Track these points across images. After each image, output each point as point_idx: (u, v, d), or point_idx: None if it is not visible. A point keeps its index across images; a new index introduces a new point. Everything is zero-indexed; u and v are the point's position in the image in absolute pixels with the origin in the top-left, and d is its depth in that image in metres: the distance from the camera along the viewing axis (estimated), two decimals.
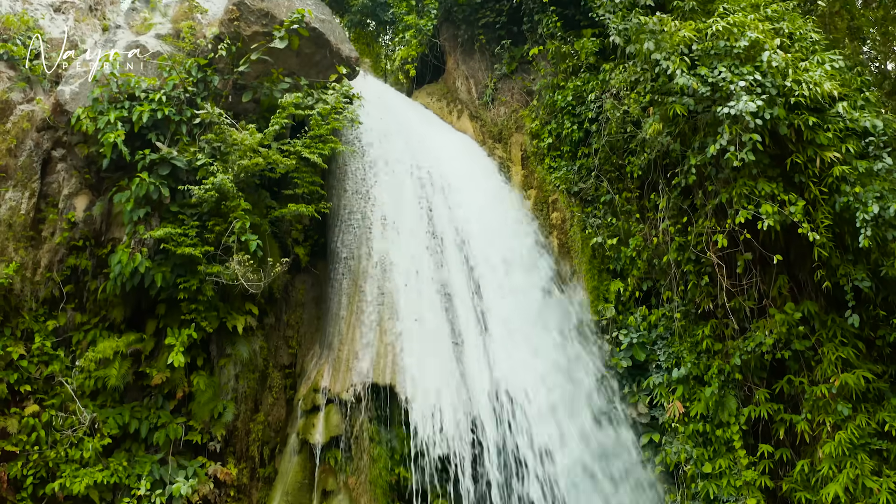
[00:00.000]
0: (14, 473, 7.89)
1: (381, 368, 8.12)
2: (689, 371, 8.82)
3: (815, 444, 8.61)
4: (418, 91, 11.76)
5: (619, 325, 9.19)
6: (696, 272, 8.94)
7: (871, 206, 7.89)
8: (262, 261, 8.07)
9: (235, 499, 8.61)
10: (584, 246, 9.48)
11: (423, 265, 8.80)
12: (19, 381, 8.13)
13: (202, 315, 8.29)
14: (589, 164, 9.65)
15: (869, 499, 8.11)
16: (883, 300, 8.62)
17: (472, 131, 10.57)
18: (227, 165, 8.14)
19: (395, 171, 9.34)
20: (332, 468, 8.00)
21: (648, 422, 9.01)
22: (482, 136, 10.46)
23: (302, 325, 9.13)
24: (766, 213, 7.76)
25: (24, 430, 8.00)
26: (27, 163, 8.74)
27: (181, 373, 8.51)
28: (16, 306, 8.43)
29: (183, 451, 8.53)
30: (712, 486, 8.58)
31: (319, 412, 8.12)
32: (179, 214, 8.32)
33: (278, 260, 9.16)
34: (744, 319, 8.84)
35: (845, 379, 8.29)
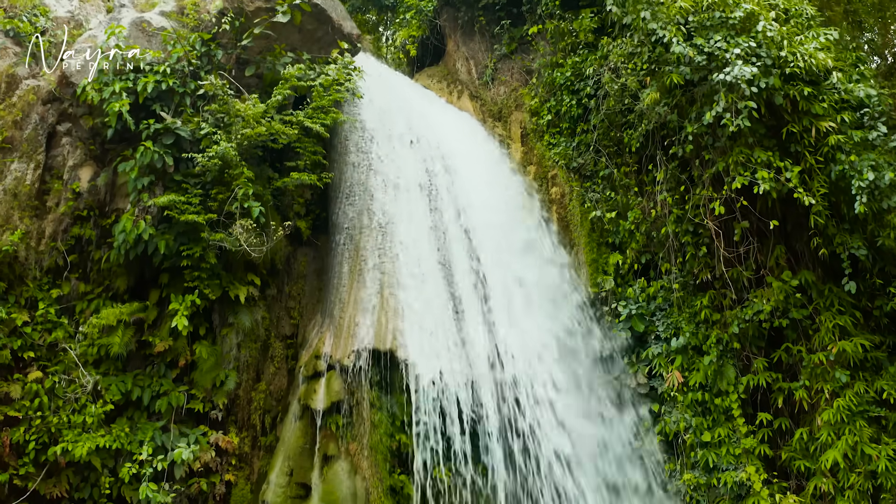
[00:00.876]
0: (16, 438, 7.93)
1: (382, 335, 8.19)
2: (687, 341, 8.89)
3: (813, 412, 8.66)
4: (419, 74, 11.91)
5: (618, 297, 9.27)
6: (693, 243, 9.03)
7: (866, 173, 8.00)
8: (264, 227, 8.16)
9: (237, 467, 8.65)
10: (582, 220, 9.57)
11: (424, 236, 8.90)
12: (23, 347, 8.20)
13: (205, 283, 8.37)
14: (587, 140, 9.77)
15: (868, 465, 8.16)
16: (880, 270, 8.70)
17: (472, 110, 10.71)
18: (231, 135, 8.25)
19: (396, 146, 9.45)
20: (334, 433, 8.05)
21: (647, 392, 9.07)
22: (482, 115, 10.59)
23: (304, 296, 9.21)
24: (762, 178, 7.86)
25: (28, 396, 8.06)
26: (32, 135, 8.85)
27: (184, 342, 8.58)
28: (20, 275, 8.51)
29: (185, 419, 8.58)
30: (711, 454, 8.63)
31: (321, 378, 8.19)
32: (183, 183, 8.42)
33: (281, 238, 9.29)
34: (742, 290, 8.92)
35: (843, 346, 8.36)
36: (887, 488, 8.16)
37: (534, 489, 7.74)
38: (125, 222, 8.19)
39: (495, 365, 8.28)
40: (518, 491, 8.02)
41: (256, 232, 7.94)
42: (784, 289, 8.52)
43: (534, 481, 7.84)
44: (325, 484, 7.82)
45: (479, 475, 8.11)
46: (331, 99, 8.71)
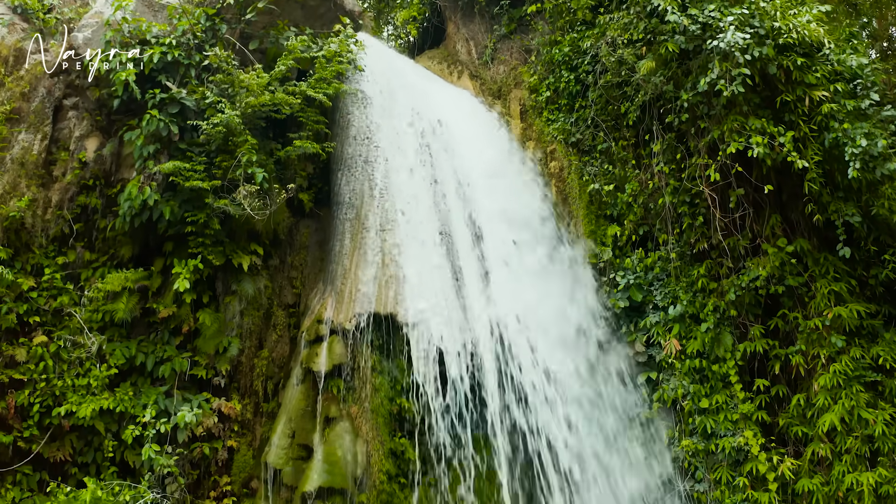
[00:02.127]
0: (21, 401, 8.02)
1: (383, 299, 8.30)
2: (685, 309, 8.99)
3: (810, 378, 8.75)
4: (419, 56, 12.09)
5: (616, 267, 9.38)
6: (690, 214, 9.16)
7: (858, 140, 8.14)
8: (267, 192, 8.29)
9: (239, 433, 8.72)
10: (581, 193, 9.71)
11: (424, 206, 9.02)
12: (28, 312, 8.30)
13: (209, 249, 8.49)
14: (585, 116, 9.93)
15: (865, 430, 8.24)
16: (875, 240, 8.82)
17: (472, 89, 10.88)
18: (235, 104, 8.40)
19: (397, 120, 9.61)
20: (335, 396, 8.14)
21: (646, 361, 9.15)
22: (482, 94, 10.77)
23: (306, 266, 9.32)
24: (756, 143, 7.99)
25: (33, 360, 8.15)
26: (39, 107, 9.01)
27: (187, 309, 8.68)
28: (26, 242, 8.63)
29: (188, 385, 8.67)
30: (709, 420, 8.70)
31: (323, 342, 8.28)
32: (187, 152, 8.56)
33: (284, 209, 9.44)
34: (738, 259, 9.04)
35: (838, 312, 8.46)
36: (884, 452, 8.23)
37: (532, 449, 7.82)
38: (131, 188, 8.32)
39: (495, 330, 8.38)
40: (518, 452, 8.10)
41: (260, 196, 8.06)
42: (780, 256, 8.63)
43: (532, 441, 7.92)
44: (327, 445, 7.90)
45: (480, 438, 8.19)
46: (333, 70, 8.88)
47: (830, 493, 8.29)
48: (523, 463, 8.16)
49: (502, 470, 7.80)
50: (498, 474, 7.95)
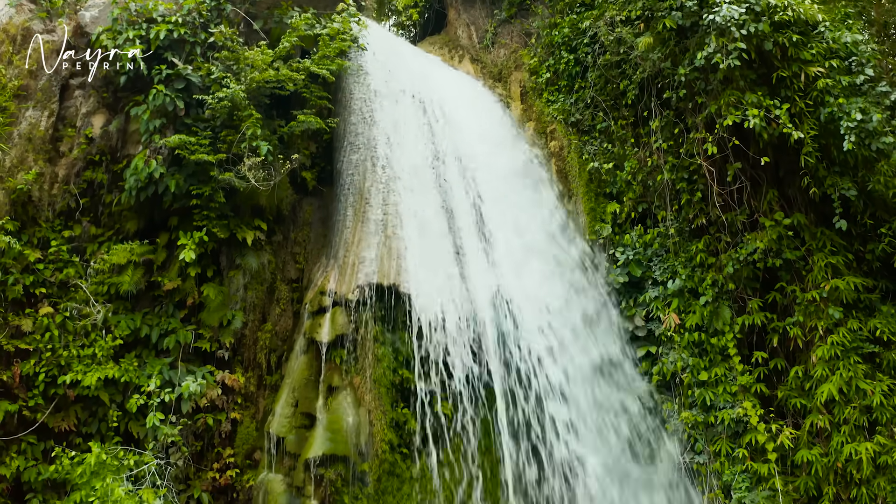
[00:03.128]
0: (27, 371, 8.10)
1: (386, 271, 8.39)
2: (683, 284, 9.09)
3: (808, 351, 8.83)
4: (420, 43, 12.26)
5: (616, 244, 9.49)
6: (689, 190, 9.28)
7: (854, 114, 8.28)
8: (271, 165, 8.41)
9: (243, 406, 8.80)
10: (580, 171, 9.83)
11: (427, 182, 9.15)
12: (34, 283, 8.40)
13: (213, 222, 8.60)
14: (585, 96, 10.07)
15: (863, 400, 8.31)
16: (871, 216, 8.93)
17: (473, 72, 11.03)
18: (240, 81, 8.54)
19: (399, 100, 9.74)
20: (338, 366, 8.21)
21: (645, 335, 9.24)
22: (483, 77, 10.92)
23: (309, 242, 9.42)
24: (752, 115, 8.12)
25: (39, 330, 8.24)
26: (46, 85, 9.15)
27: (192, 282, 8.77)
28: (33, 216, 8.74)
29: (192, 358, 8.74)
30: (709, 393, 8.77)
31: (326, 313, 8.37)
32: (193, 127, 8.69)
33: (287, 186, 9.56)
34: (736, 234, 9.15)
35: (835, 284, 8.56)
36: (882, 422, 8.31)
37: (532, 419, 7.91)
38: (137, 161, 8.45)
39: (496, 302, 8.47)
40: (517, 423, 8.18)
41: (264, 168, 8.18)
42: (777, 230, 8.74)
43: (531, 411, 8.00)
44: (330, 414, 7.97)
45: (481, 409, 8.26)
46: (336, 48, 9.03)
47: (829, 464, 8.36)
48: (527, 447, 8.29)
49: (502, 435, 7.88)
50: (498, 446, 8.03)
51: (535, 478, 7.81)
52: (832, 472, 8.41)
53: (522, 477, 7.80)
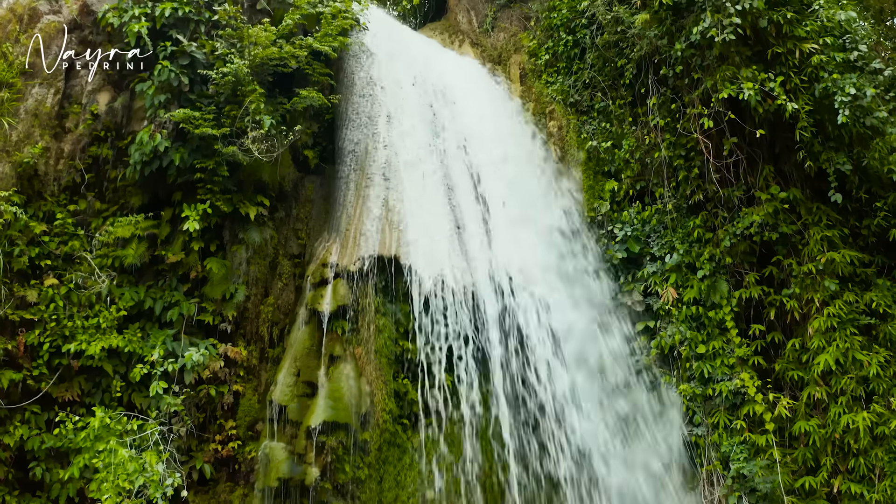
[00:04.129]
0: (31, 341, 8.18)
1: (387, 243, 8.50)
2: (681, 259, 9.18)
3: (804, 324, 8.92)
4: (421, 29, 12.42)
5: (614, 221, 9.60)
6: (686, 167, 9.40)
7: (848, 88, 8.42)
8: (274, 138, 8.53)
9: (245, 379, 8.87)
10: (579, 149, 9.97)
11: (427, 158, 9.27)
12: (40, 255, 8.49)
13: (217, 197, 8.71)
14: (583, 77, 10.22)
15: (859, 371, 8.39)
16: (867, 191, 9.06)
17: (473, 56, 11.18)
18: (244, 57, 8.68)
19: (399, 80, 9.88)
20: (339, 337, 8.30)
21: (643, 310, 9.33)
22: (483, 60, 11.07)
23: (311, 219, 9.53)
24: (747, 88, 8.25)
25: (43, 301, 8.32)
26: (52, 63, 9.28)
27: (195, 256, 8.87)
28: (39, 191, 8.85)
29: (195, 331, 8.82)
30: (706, 365, 8.85)
31: (327, 285, 8.47)
32: (197, 103, 8.81)
33: (289, 163, 9.69)
34: (733, 209, 9.26)
35: (831, 256, 8.66)
36: (879, 392, 8.39)
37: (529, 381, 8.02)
38: (142, 135, 8.57)
39: (494, 275, 8.58)
40: (516, 392, 8.26)
41: (267, 140, 8.30)
42: (773, 204, 8.85)
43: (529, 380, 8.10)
44: (332, 382, 8.05)
45: (481, 379, 8.35)
46: (338, 26, 9.19)
47: (827, 436, 8.43)
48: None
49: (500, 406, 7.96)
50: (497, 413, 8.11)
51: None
52: (830, 444, 8.48)
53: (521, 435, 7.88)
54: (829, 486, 8.40)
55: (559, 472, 7.87)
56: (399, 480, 8.22)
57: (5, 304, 8.16)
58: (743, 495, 8.53)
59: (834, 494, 8.39)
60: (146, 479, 7.15)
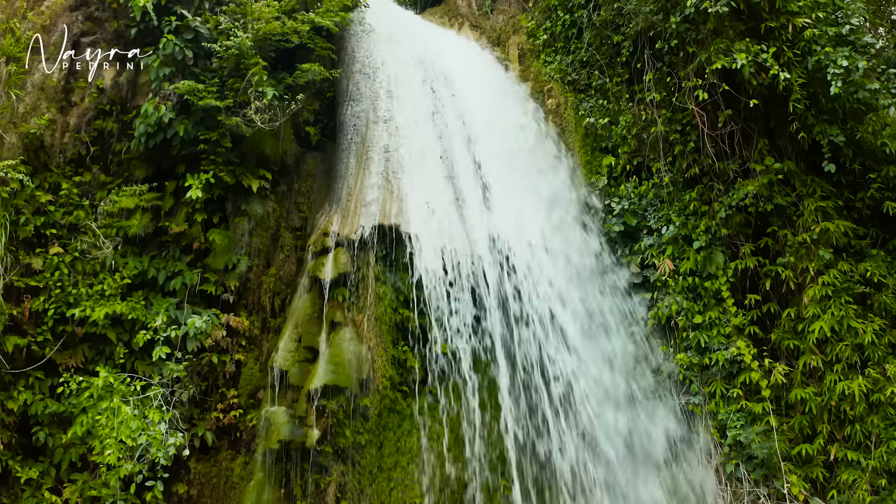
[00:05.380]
0: (36, 307, 8.29)
1: (387, 212, 8.63)
2: (677, 231, 9.30)
3: (800, 294, 9.01)
4: (421, 14, 12.62)
5: (611, 195, 9.73)
6: (682, 141, 9.55)
7: (840, 60, 8.57)
8: (276, 109, 8.68)
9: (247, 349, 8.96)
10: (577, 126, 10.12)
11: (427, 132, 9.42)
12: (45, 224, 8.62)
13: (220, 168, 8.84)
14: (581, 56, 10.40)
15: (854, 339, 8.48)
16: (861, 165, 9.19)
17: (472, 38, 11.37)
18: (247, 31, 8.85)
19: (400, 57, 10.06)
20: (340, 304, 8.41)
21: (640, 282, 9.43)
22: (482, 42, 11.27)
23: (312, 193, 9.66)
24: (740, 58, 8.41)
25: (48, 269, 8.44)
26: (59, 40, 9.45)
27: (198, 228, 9.00)
28: (45, 162, 8.99)
29: (198, 301, 8.92)
30: (703, 335, 8.94)
31: (329, 253, 8.58)
32: (201, 76, 8.97)
33: (291, 138, 9.84)
34: (728, 183, 9.40)
35: (826, 226, 8.77)
36: (874, 360, 8.47)
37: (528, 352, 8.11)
38: (147, 106, 8.72)
39: (492, 244, 8.70)
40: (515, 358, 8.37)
41: (269, 110, 8.45)
42: (768, 176, 8.98)
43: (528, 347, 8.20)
44: (332, 347, 8.14)
45: (480, 346, 8.45)
46: (339, 1, 9.38)
47: (823, 403, 8.50)
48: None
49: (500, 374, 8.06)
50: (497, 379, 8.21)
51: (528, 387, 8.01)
52: (826, 411, 8.55)
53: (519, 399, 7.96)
54: (825, 453, 8.47)
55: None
56: (399, 447, 8.29)
57: (11, 272, 8.27)
58: (740, 462, 8.60)
59: (831, 462, 8.46)
60: (149, 438, 7.24)
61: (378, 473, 8.20)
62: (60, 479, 8.15)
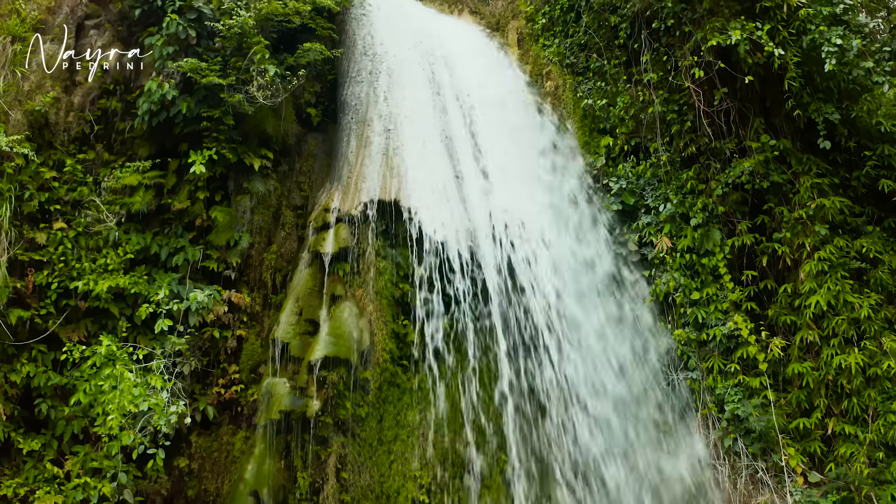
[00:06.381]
0: (40, 281, 8.37)
1: (388, 188, 8.72)
2: (675, 209, 9.39)
3: (796, 270, 9.09)
4: (421, 0, 12.78)
5: (609, 175, 9.83)
6: (679, 120, 9.65)
7: (834, 39, 8.69)
8: (278, 87, 8.80)
9: (248, 325, 9.03)
10: (575, 108, 10.23)
11: (427, 112, 9.51)
12: (49, 200, 8.72)
13: (222, 145, 8.95)
14: (579, 40, 10.53)
15: (851, 313, 8.54)
16: (856, 143, 9.28)
17: (471, 23, 11.51)
18: (249, 10, 8.98)
19: (400, 39, 10.18)
20: (341, 278, 8.49)
21: (638, 260, 9.51)
22: (481, 27, 11.41)
23: (313, 172, 9.77)
24: (735, 35, 8.52)
25: (52, 243, 8.53)
26: (63, 22, 9.59)
27: (201, 205, 9.09)
28: (49, 140, 9.10)
29: (200, 277, 9.00)
30: (700, 311, 9.02)
31: (329, 229, 8.67)
32: (204, 55, 9.09)
33: (293, 118, 9.96)
34: (725, 162, 9.49)
35: (821, 202, 8.86)
36: (871, 334, 8.53)
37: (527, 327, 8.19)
38: (150, 84, 8.84)
39: (492, 220, 8.79)
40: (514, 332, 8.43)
41: (271, 87, 8.57)
42: (765, 153, 9.08)
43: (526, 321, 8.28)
44: (333, 320, 8.21)
45: (479, 320, 8.52)
46: None
47: (820, 378, 8.56)
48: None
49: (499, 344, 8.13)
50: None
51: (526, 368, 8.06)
52: (823, 386, 8.60)
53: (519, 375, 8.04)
54: (823, 427, 8.51)
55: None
56: (399, 420, 8.35)
57: (15, 246, 8.36)
58: (738, 437, 8.65)
59: (828, 436, 8.51)
60: (151, 405, 7.29)
61: (378, 446, 8.26)
62: (62, 452, 8.20)
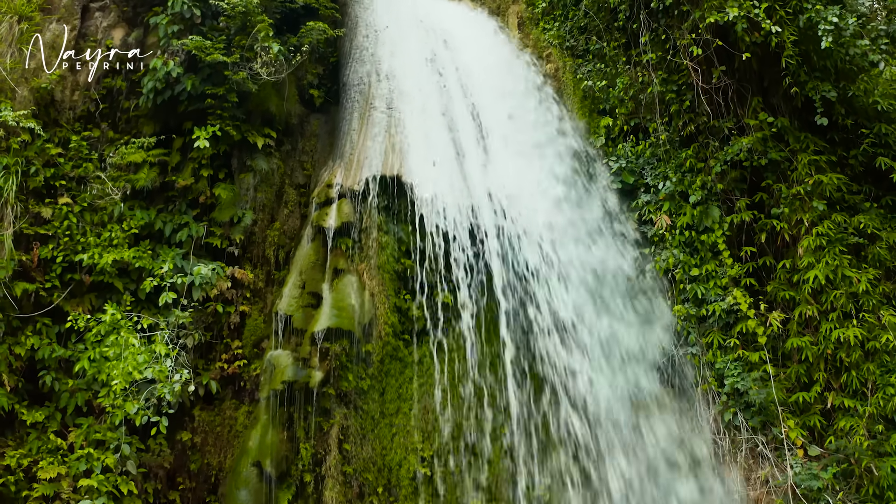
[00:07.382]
0: (45, 254, 8.44)
1: (390, 163, 8.82)
2: (674, 188, 9.48)
3: (795, 246, 9.17)
4: None
5: (609, 155, 9.93)
6: (678, 100, 9.76)
7: (830, 17, 8.82)
8: (281, 64, 8.91)
9: (251, 301, 9.10)
10: (575, 89, 10.35)
11: (428, 92, 9.63)
12: (55, 176, 8.81)
13: (226, 122, 9.05)
14: (579, 23, 10.66)
15: (849, 287, 8.61)
16: (853, 123, 9.39)
17: (472, 8, 11.65)
18: None
19: (401, 21, 10.33)
20: (343, 252, 8.56)
21: (638, 238, 9.60)
22: (482, 11, 11.54)
23: (316, 152, 9.87)
24: (732, 11, 8.64)
25: (57, 218, 8.61)
26: (69, 4, 9.71)
27: (204, 182, 9.18)
28: (55, 118, 9.20)
29: (203, 254, 9.09)
30: (700, 287, 9.08)
31: (332, 204, 8.75)
32: (208, 34, 9.20)
33: (296, 99, 10.07)
34: (724, 140, 9.59)
35: (819, 178, 8.94)
36: (869, 308, 8.59)
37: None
38: (155, 62, 8.95)
39: (492, 197, 8.88)
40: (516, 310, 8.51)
41: (275, 64, 8.68)
42: (763, 131, 9.17)
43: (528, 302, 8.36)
44: (336, 293, 8.28)
45: (480, 296, 8.58)
46: None
47: (819, 352, 8.61)
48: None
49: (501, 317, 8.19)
50: None
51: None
52: (822, 360, 8.65)
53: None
54: (822, 401, 8.55)
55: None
56: (401, 393, 8.40)
57: (21, 220, 8.44)
58: (738, 411, 8.69)
59: (828, 409, 8.55)
60: (155, 373, 7.35)
61: (380, 419, 8.31)
62: (66, 424, 8.25)
